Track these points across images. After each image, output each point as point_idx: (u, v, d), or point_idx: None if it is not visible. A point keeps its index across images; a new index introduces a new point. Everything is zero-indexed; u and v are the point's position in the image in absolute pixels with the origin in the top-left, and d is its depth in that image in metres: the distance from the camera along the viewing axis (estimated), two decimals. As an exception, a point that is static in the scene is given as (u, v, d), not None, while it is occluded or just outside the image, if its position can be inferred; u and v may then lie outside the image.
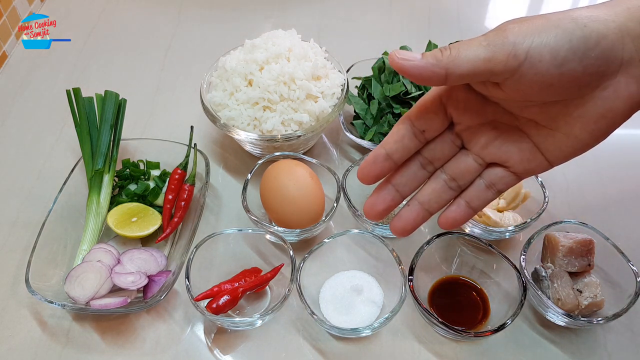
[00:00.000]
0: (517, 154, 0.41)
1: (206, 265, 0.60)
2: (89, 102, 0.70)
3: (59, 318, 0.60)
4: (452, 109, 0.41)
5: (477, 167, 0.42)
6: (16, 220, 0.69)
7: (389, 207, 0.43)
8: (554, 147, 0.40)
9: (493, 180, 0.42)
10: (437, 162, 0.43)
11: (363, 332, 0.56)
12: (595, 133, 0.39)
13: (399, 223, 0.43)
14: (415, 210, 0.43)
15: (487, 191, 0.42)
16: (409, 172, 0.43)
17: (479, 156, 0.42)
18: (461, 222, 0.43)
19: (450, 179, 0.42)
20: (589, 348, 0.58)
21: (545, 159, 0.40)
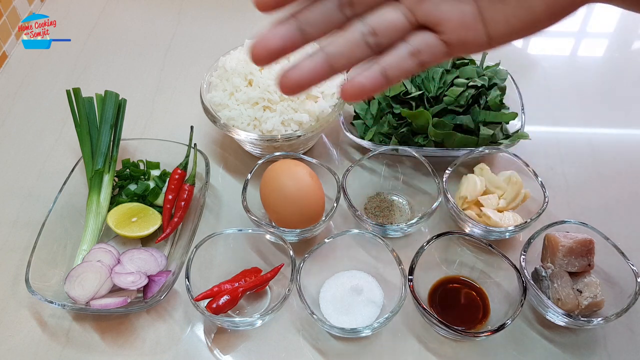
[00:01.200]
0: (455, 16, 0.34)
1: (206, 265, 0.60)
2: (89, 102, 0.70)
3: (58, 318, 0.60)
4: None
5: (405, 24, 0.34)
6: (16, 220, 0.69)
7: (285, 46, 0.33)
8: (501, 17, 0.34)
9: (420, 46, 0.34)
10: (359, 5, 0.34)
11: (363, 332, 0.56)
12: (552, 5, 0.34)
13: (294, 73, 0.34)
14: (316, 62, 0.34)
15: (409, 59, 0.34)
16: (322, 9, 0.33)
17: (411, 11, 0.34)
18: (370, 92, 0.35)
19: (370, 32, 0.34)
20: (588, 348, 0.58)
21: (485, 31, 0.34)
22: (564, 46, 0.95)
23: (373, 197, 0.71)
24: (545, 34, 0.37)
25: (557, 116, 0.83)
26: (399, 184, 0.71)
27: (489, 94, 0.71)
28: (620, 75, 0.90)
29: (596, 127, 0.82)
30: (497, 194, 0.67)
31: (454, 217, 0.67)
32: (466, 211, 0.66)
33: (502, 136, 0.72)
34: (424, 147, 0.70)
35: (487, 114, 0.71)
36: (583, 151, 0.77)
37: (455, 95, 0.68)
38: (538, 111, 0.81)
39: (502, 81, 0.74)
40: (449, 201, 0.65)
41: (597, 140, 0.79)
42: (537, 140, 0.75)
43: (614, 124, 0.82)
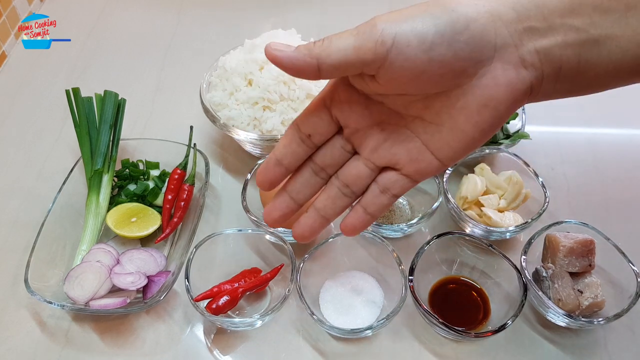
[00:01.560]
0: (405, 154, 0.40)
1: (206, 266, 0.60)
2: (88, 102, 0.70)
3: (58, 318, 0.60)
4: (337, 110, 0.40)
5: (368, 172, 0.41)
6: (15, 221, 0.69)
7: (284, 214, 0.43)
8: (442, 144, 0.39)
9: (387, 184, 0.41)
10: (329, 168, 0.42)
11: (363, 333, 0.55)
12: (480, 125, 0.37)
13: (298, 229, 0.43)
14: (312, 217, 0.43)
15: (382, 196, 0.41)
16: (302, 179, 0.42)
17: (369, 160, 0.41)
18: (361, 228, 0.42)
19: (343, 185, 0.42)
20: (589, 348, 0.58)
21: (435, 157, 0.39)
22: (565, 46, 0.95)
23: (373, 197, 0.70)
24: None
25: (558, 116, 0.83)
26: (399, 184, 0.71)
27: (490, 94, 0.71)
28: (621, 75, 0.90)
29: (596, 127, 0.82)
30: (498, 194, 0.67)
31: (455, 217, 0.67)
32: (466, 211, 0.65)
33: (503, 136, 0.72)
34: (424, 147, 0.70)
35: (488, 114, 0.70)
36: (583, 151, 0.77)
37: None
38: (538, 111, 0.81)
39: (502, 81, 0.74)
40: (449, 201, 0.65)
41: (598, 140, 0.79)
42: (537, 140, 0.75)
43: (614, 124, 0.82)
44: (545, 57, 0.36)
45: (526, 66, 0.36)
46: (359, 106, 0.40)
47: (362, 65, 0.35)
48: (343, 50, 0.35)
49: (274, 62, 0.36)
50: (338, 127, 0.41)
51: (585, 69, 0.37)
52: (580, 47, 0.36)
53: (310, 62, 0.35)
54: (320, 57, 0.35)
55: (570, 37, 0.36)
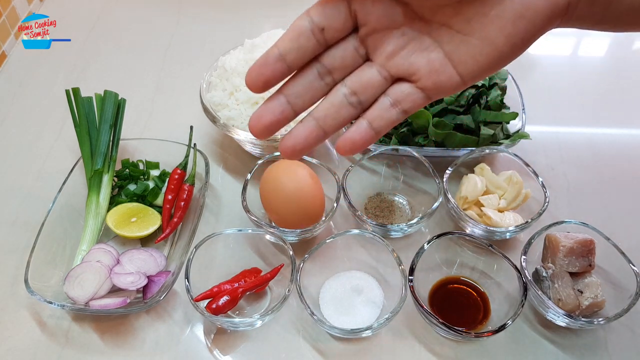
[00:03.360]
0: (425, 65, 0.36)
1: (206, 266, 0.60)
2: (88, 102, 0.70)
3: (58, 318, 0.60)
4: (358, 3, 0.36)
5: (381, 80, 0.37)
6: (15, 221, 0.69)
7: (277, 120, 0.37)
8: (467, 57, 0.36)
9: (399, 97, 0.37)
10: (337, 72, 0.37)
11: (363, 333, 0.55)
12: (512, 37, 0.35)
13: (289, 141, 0.37)
14: (308, 127, 0.37)
15: (392, 109, 0.37)
16: (305, 81, 0.37)
17: (383, 68, 0.37)
18: (361, 146, 0.38)
19: (351, 92, 0.37)
20: (589, 348, 0.58)
21: (456, 71, 0.36)
22: (565, 46, 0.95)
23: (373, 197, 0.71)
24: (545, 34, 0.38)
25: (558, 116, 0.83)
26: (399, 184, 0.71)
27: (490, 94, 0.71)
28: (620, 75, 0.90)
29: (596, 127, 0.82)
30: (498, 194, 0.67)
31: (455, 217, 0.67)
32: (467, 211, 0.65)
33: (503, 136, 0.72)
34: (424, 147, 0.70)
35: (488, 114, 0.70)
36: (583, 151, 0.77)
37: (455, 95, 0.68)
38: (538, 111, 0.81)
39: (502, 81, 0.74)
40: (449, 201, 0.65)
41: (598, 140, 0.79)
42: (537, 140, 0.75)
43: (614, 124, 0.82)
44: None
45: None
46: (383, 2, 0.36)
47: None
48: None
49: None
50: (354, 26, 0.37)
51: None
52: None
53: None
54: None
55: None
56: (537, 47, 1.03)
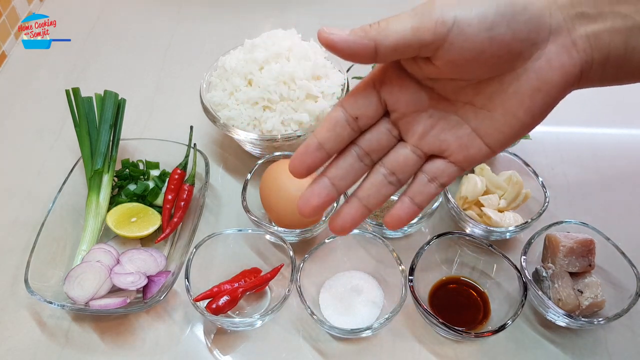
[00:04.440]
0: (454, 141, 0.39)
1: (206, 266, 0.60)
2: (88, 102, 0.70)
3: (58, 318, 0.60)
4: (386, 93, 0.39)
5: (416, 159, 0.40)
6: (15, 220, 0.69)
7: (324, 202, 0.40)
8: (493, 130, 0.39)
9: (435, 173, 0.40)
10: (374, 154, 0.40)
11: (363, 333, 0.55)
12: (532, 110, 0.38)
13: (338, 221, 0.41)
14: (354, 207, 0.40)
15: (430, 185, 0.40)
16: (345, 165, 0.40)
17: (416, 147, 0.40)
18: (407, 220, 0.41)
19: (390, 172, 0.40)
20: (589, 348, 0.58)
21: (484, 143, 0.39)
22: (565, 46, 0.95)
23: (373, 197, 0.70)
24: None
25: (558, 116, 0.82)
26: (399, 184, 0.71)
27: (490, 94, 0.71)
28: (621, 75, 0.90)
29: (597, 127, 0.82)
30: (498, 194, 0.67)
31: (455, 217, 0.67)
32: (467, 211, 0.65)
33: (503, 136, 0.72)
34: (424, 147, 0.70)
35: (488, 114, 0.70)
36: (583, 151, 0.77)
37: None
38: (538, 111, 0.80)
39: (502, 81, 0.74)
40: (449, 201, 0.65)
41: (598, 140, 0.79)
42: (537, 140, 0.75)
43: (614, 124, 0.82)
44: (595, 42, 0.37)
45: (578, 50, 0.37)
46: (409, 90, 0.39)
47: (420, 47, 0.35)
48: (402, 32, 0.35)
49: (327, 47, 0.35)
50: (385, 112, 0.40)
51: (632, 55, 0.38)
52: (627, 34, 0.37)
53: (367, 44, 0.35)
54: (378, 39, 0.35)
55: (618, 23, 0.37)
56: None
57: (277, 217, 0.63)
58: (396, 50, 0.35)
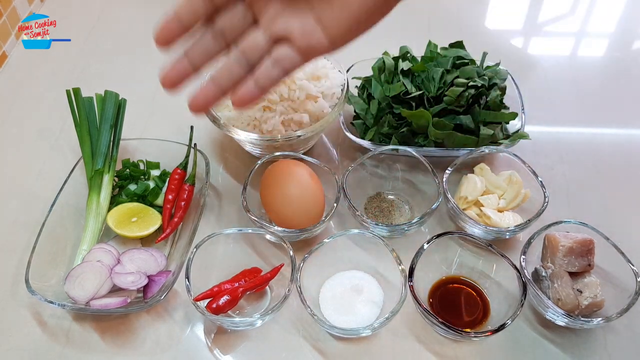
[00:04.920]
0: (298, 27, 0.42)
1: (206, 265, 0.60)
2: (88, 102, 0.70)
3: (58, 318, 0.60)
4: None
5: (265, 42, 0.43)
6: (16, 220, 0.69)
7: (180, 75, 0.44)
8: (331, 20, 0.41)
9: (279, 57, 0.43)
10: (228, 34, 0.44)
11: (363, 332, 0.56)
12: (366, 4, 0.40)
13: (193, 100, 0.45)
14: (208, 87, 0.45)
15: (273, 69, 0.43)
16: (202, 43, 0.44)
17: (267, 29, 0.43)
18: (249, 101, 0.44)
19: (241, 53, 0.43)
20: (589, 348, 0.58)
21: (324, 35, 0.42)
22: (564, 46, 0.95)
23: (373, 197, 0.71)
24: (545, 34, 0.39)
25: (557, 116, 0.83)
26: (399, 184, 0.71)
27: (489, 94, 0.71)
28: (620, 75, 0.90)
29: (596, 127, 0.82)
30: (497, 194, 0.67)
31: (454, 217, 0.67)
32: (466, 211, 0.66)
33: (502, 136, 0.72)
34: (424, 147, 0.70)
35: (487, 114, 0.70)
36: (583, 151, 0.77)
37: (455, 95, 0.68)
38: (538, 111, 0.81)
39: (502, 81, 0.74)
40: (449, 201, 0.65)
41: (597, 140, 0.79)
42: (537, 140, 0.75)
43: (614, 124, 0.82)
44: None
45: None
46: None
47: None
48: None
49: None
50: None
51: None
52: None
53: None
54: None
55: None
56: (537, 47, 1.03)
57: (277, 217, 0.63)
58: None
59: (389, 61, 0.74)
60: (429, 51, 0.76)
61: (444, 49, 0.76)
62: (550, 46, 0.95)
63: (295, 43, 0.42)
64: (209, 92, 0.45)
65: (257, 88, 0.43)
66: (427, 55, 0.75)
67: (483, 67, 0.75)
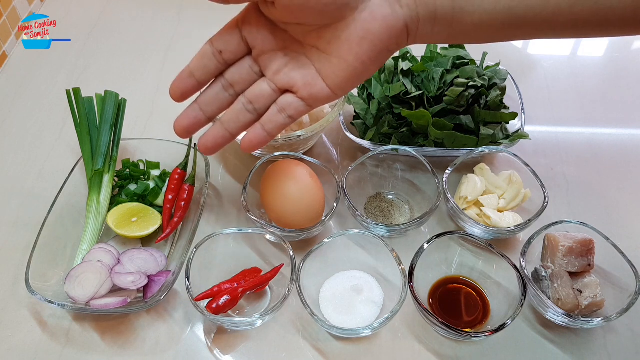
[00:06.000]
0: (301, 79, 0.45)
1: (206, 265, 0.60)
2: (88, 102, 0.70)
3: (58, 318, 0.60)
4: (246, 32, 0.46)
5: (270, 92, 0.47)
6: (16, 220, 0.69)
7: (193, 124, 0.49)
8: (331, 72, 0.45)
9: (284, 105, 0.46)
10: (237, 85, 0.48)
11: (363, 332, 0.56)
12: (360, 56, 0.43)
13: (203, 140, 0.49)
14: (217, 130, 0.48)
15: (279, 115, 0.47)
16: (212, 93, 0.48)
17: (272, 81, 0.46)
18: (257, 145, 0.48)
19: (248, 101, 0.47)
20: (589, 348, 0.58)
21: (325, 84, 0.45)
22: (564, 46, 0.95)
23: (373, 197, 0.71)
24: None
25: (557, 116, 0.83)
26: (399, 184, 0.71)
27: (489, 94, 0.71)
28: (620, 75, 0.90)
29: (596, 127, 0.82)
30: (497, 194, 0.67)
31: (454, 217, 0.67)
32: (466, 211, 0.66)
33: (502, 136, 0.72)
34: (424, 147, 0.70)
35: (487, 114, 0.71)
36: (583, 151, 0.77)
37: (455, 95, 0.68)
38: (538, 111, 0.81)
39: (502, 81, 0.74)
40: (449, 201, 0.65)
41: (597, 140, 0.79)
42: (537, 140, 0.75)
43: (614, 124, 0.82)
44: None
45: (402, 5, 0.42)
46: (265, 30, 0.46)
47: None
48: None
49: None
50: (248, 49, 0.47)
51: (461, 16, 0.41)
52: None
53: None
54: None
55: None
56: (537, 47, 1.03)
57: (277, 217, 0.63)
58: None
59: (389, 61, 0.74)
60: (429, 51, 0.76)
61: (444, 49, 0.76)
62: (550, 46, 0.95)
63: (299, 93, 0.46)
64: (218, 135, 0.48)
65: (264, 132, 0.47)
66: (427, 55, 0.75)
67: (483, 67, 0.75)
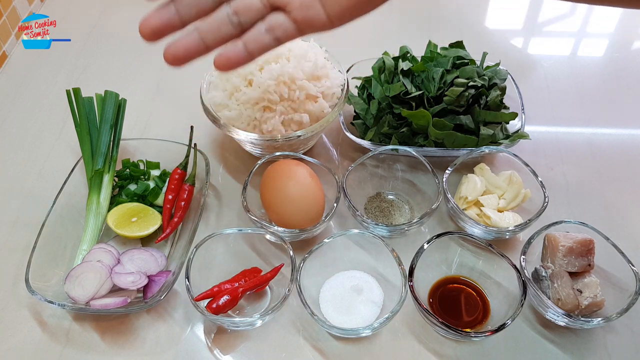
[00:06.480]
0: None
1: (206, 265, 0.60)
2: (88, 102, 0.70)
3: (58, 318, 0.60)
4: None
5: (261, 6, 0.41)
6: (16, 220, 0.69)
7: (163, 24, 0.42)
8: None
9: (273, 24, 0.41)
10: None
11: (363, 332, 0.56)
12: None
13: (171, 48, 0.42)
14: (191, 38, 0.42)
15: (266, 35, 0.41)
16: None
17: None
18: (234, 64, 0.42)
19: (233, 12, 0.41)
20: (589, 348, 0.58)
21: (324, 11, 0.40)
22: (564, 46, 0.95)
23: (373, 197, 0.71)
24: (545, 34, 0.39)
25: (557, 116, 0.83)
26: (399, 184, 0.71)
27: (489, 94, 0.71)
28: (620, 75, 0.90)
29: (596, 127, 0.82)
30: (497, 194, 0.67)
31: (454, 217, 0.67)
32: (466, 211, 0.66)
33: (502, 136, 0.72)
34: (424, 147, 0.70)
35: (487, 114, 0.71)
36: (583, 151, 0.77)
37: (455, 95, 0.68)
38: (538, 111, 0.81)
39: (502, 81, 0.74)
40: (449, 201, 0.65)
41: (597, 140, 0.79)
42: (537, 140, 0.75)
43: (614, 124, 0.82)
44: None
45: None
46: None
47: None
48: None
49: None
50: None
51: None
52: None
53: None
54: None
55: None
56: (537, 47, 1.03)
57: (277, 217, 0.63)
58: None
59: (389, 61, 0.74)
60: (429, 51, 0.76)
61: (444, 49, 0.76)
62: (550, 46, 0.95)
63: (292, 13, 0.41)
64: (192, 43, 0.42)
65: (245, 51, 0.41)
66: (427, 55, 0.75)
67: (483, 67, 0.75)
